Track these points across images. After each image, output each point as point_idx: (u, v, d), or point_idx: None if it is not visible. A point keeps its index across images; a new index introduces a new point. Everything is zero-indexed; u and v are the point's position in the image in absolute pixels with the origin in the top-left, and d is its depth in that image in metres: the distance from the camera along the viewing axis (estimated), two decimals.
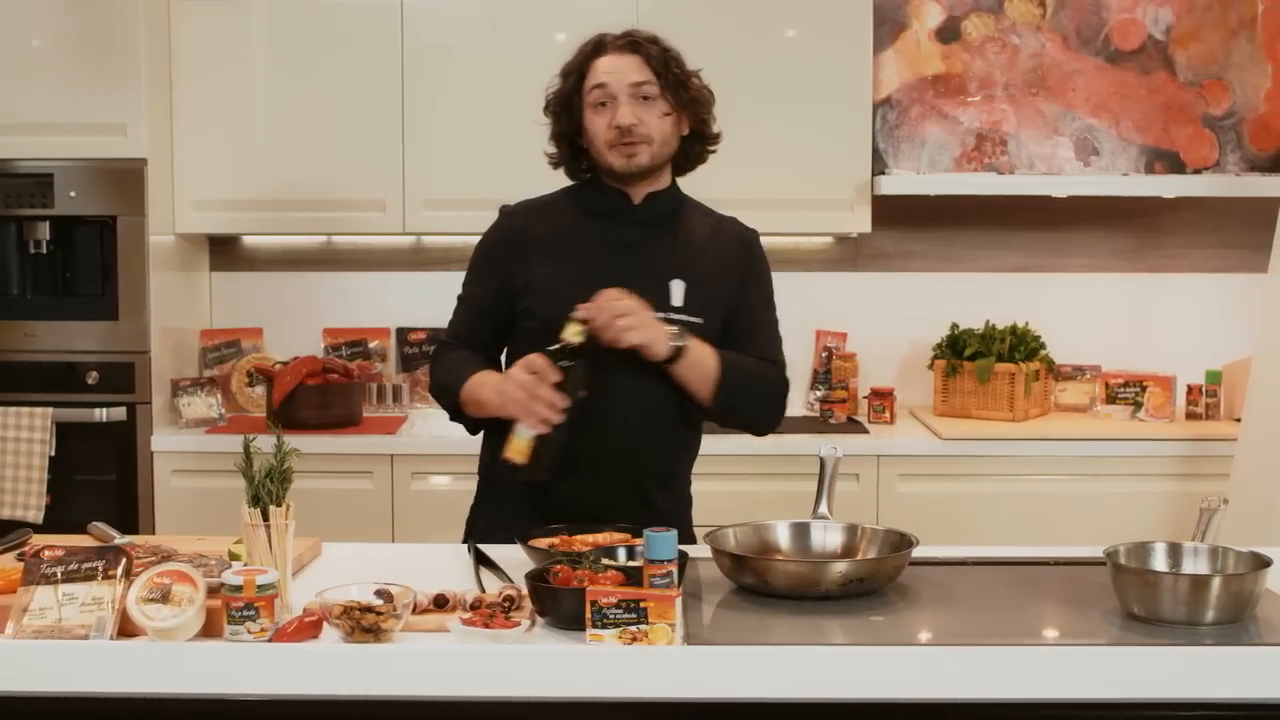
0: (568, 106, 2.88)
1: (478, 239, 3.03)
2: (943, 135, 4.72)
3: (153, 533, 4.35)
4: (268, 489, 2.21)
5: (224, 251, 4.94)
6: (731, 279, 2.91)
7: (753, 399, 2.88)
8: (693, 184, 4.46)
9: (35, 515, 4.32)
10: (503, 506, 2.87)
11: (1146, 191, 4.63)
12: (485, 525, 2.87)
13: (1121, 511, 4.23)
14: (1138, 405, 4.61)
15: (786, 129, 4.55)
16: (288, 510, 2.22)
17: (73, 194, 4.36)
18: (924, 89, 4.71)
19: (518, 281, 2.87)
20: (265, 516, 2.20)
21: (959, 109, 4.71)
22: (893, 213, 4.78)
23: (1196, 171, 4.70)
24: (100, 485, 4.40)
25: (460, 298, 3.00)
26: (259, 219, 4.62)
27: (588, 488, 2.80)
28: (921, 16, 4.71)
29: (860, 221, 4.59)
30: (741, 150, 4.54)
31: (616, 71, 2.83)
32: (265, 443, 2.33)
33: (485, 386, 2.75)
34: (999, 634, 2.21)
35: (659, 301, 2.78)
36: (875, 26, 4.59)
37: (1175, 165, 4.71)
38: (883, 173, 4.66)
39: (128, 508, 4.40)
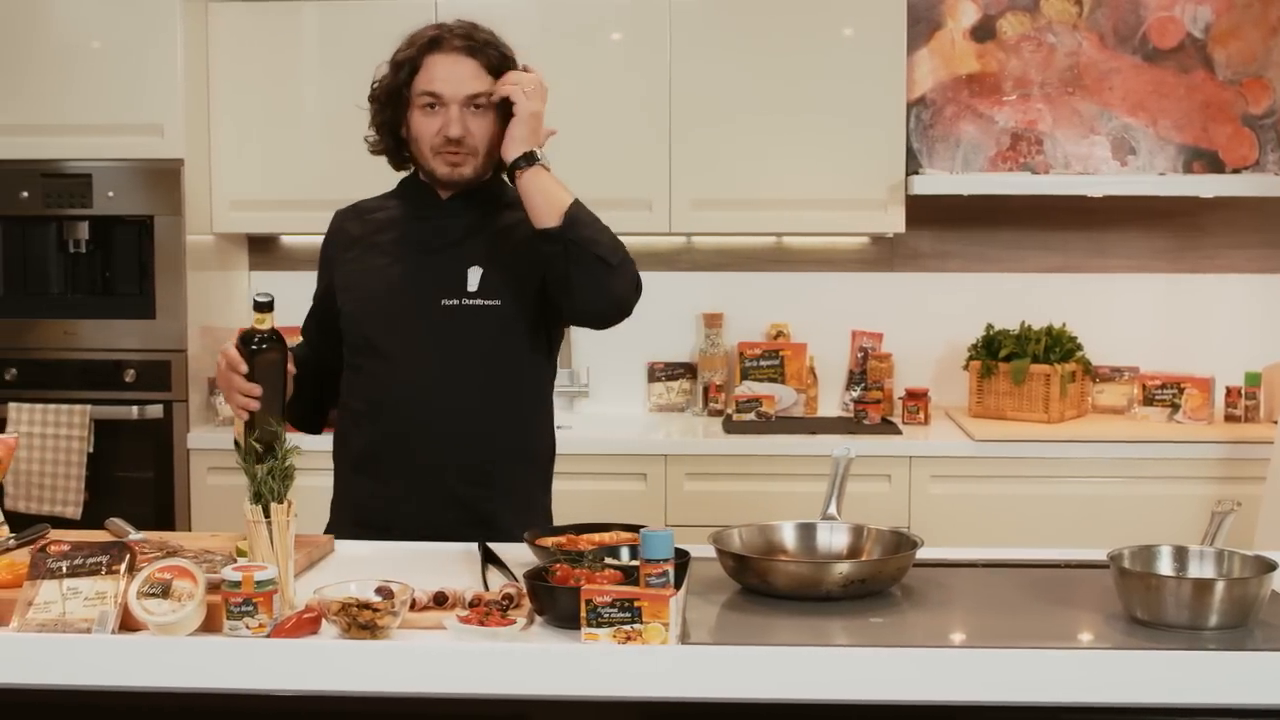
0: (395, 99, 2.83)
1: None
2: (977, 135, 4.69)
3: (189, 529, 4.41)
4: (269, 486, 2.23)
5: (263, 250, 4.99)
6: (539, 264, 2.76)
7: (610, 242, 2.76)
8: (726, 186, 4.51)
9: (74, 512, 4.38)
10: (338, 504, 2.91)
11: (1184, 191, 4.58)
12: (333, 522, 2.89)
13: (1157, 514, 4.18)
14: (1175, 407, 4.56)
15: (820, 129, 4.55)
16: (289, 507, 2.24)
17: (111, 194, 4.42)
18: (959, 88, 4.69)
19: (334, 282, 2.90)
20: (267, 513, 2.22)
21: (994, 108, 4.68)
22: (929, 213, 4.76)
23: (1236, 171, 4.65)
24: (137, 482, 4.46)
25: None
26: (297, 218, 4.66)
27: (384, 485, 2.79)
28: (956, 15, 4.69)
29: (894, 221, 4.57)
30: (775, 150, 4.58)
31: (453, 80, 2.77)
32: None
33: None
34: (999, 637, 2.19)
35: (455, 289, 2.79)
36: (910, 26, 4.57)
37: (1214, 165, 4.66)
38: (917, 172, 4.64)
39: (164, 505, 4.46)
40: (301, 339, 3.03)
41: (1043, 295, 4.81)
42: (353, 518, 2.83)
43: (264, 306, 2.56)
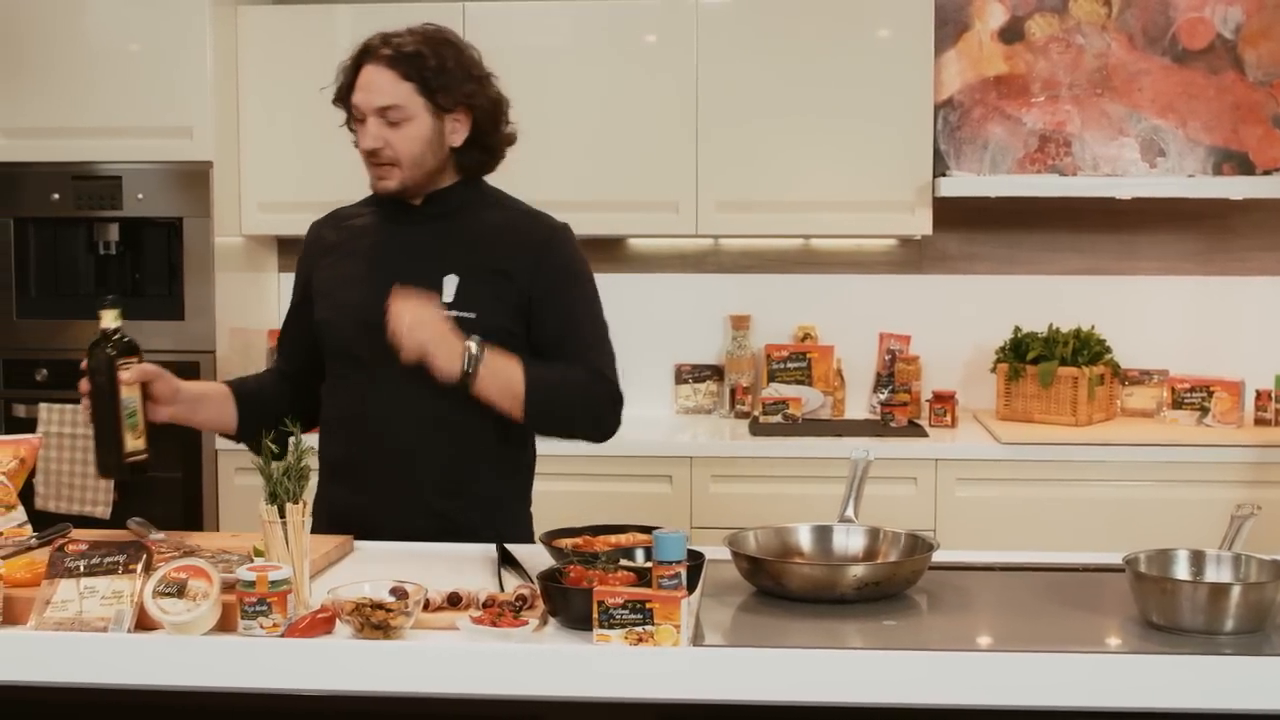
0: (346, 107, 2.84)
1: None
2: (1005, 136, 4.68)
3: (217, 529, 4.43)
4: (284, 486, 2.24)
5: (292, 252, 5.00)
6: (520, 275, 2.79)
7: (572, 412, 2.80)
8: (753, 188, 4.50)
9: (103, 511, 4.39)
10: (317, 508, 2.86)
11: (1213, 193, 4.55)
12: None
13: (1186, 518, 4.15)
14: (1204, 410, 4.53)
15: (847, 131, 4.54)
16: (304, 508, 2.25)
17: (140, 196, 4.45)
18: (986, 90, 4.67)
19: (312, 290, 2.89)
20: (282, 514, 2.24)
21: (1022, 110, 4.66)
22: (958, 215, 4.75)
23: (1266, 173, 4.62)
24: (166, 483, 4.47)
25: None
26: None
27: (357, 496, 2.79)
28: (984, 17, 4.67)
29: (921, 224, 4.56)
30: (802, 152, 4.58)
31: (367, 91, 2.76)
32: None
33: None
34: (1013, 640, 2.19)
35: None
36: (937, 27, 4.56)
37: (1244, 166, 4.63)
38: (944, 174, 4.62)
39: (193, 505, 4.49)
40: (276, 356, 3.06)
41: (1072, 298, 4.79)
42: (329, 524, 2.80)
43: (115, 306, 2.55)
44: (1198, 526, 4.11)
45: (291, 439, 2.35)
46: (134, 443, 2.55)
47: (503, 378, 2.68)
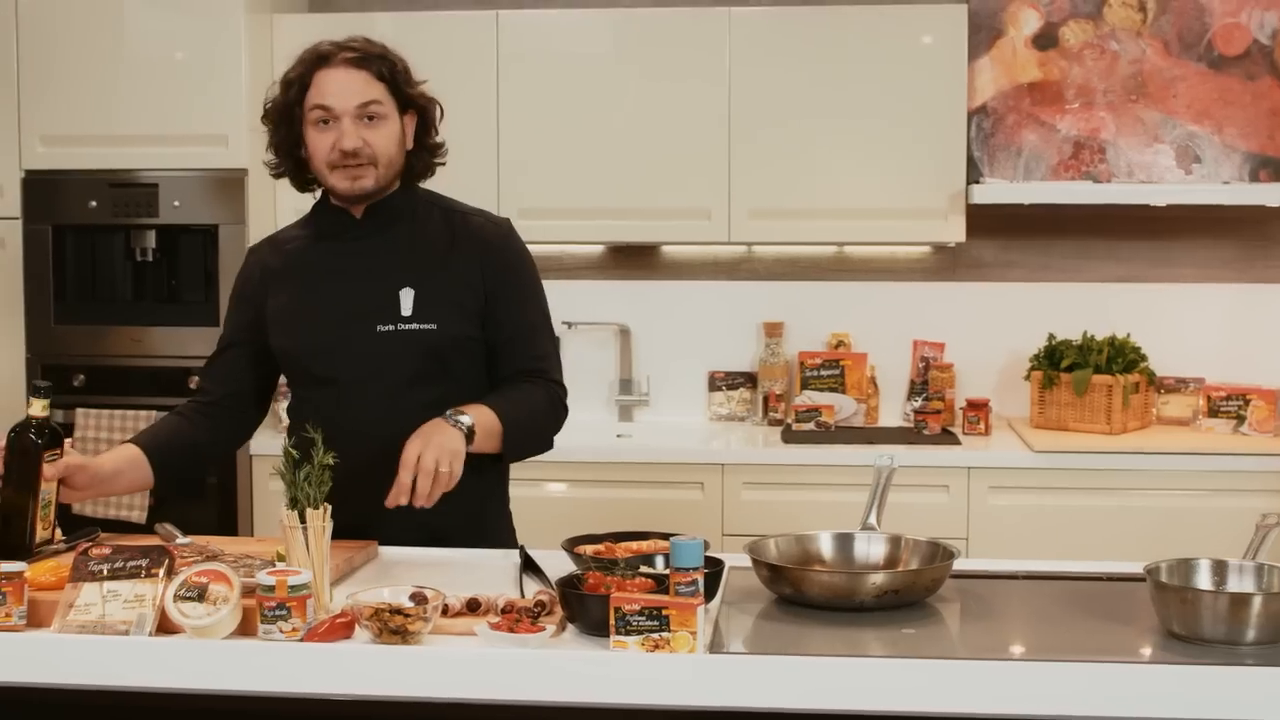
0: (288, 118, 2.80)
1: (564, 249, 3.04)
2: (1039, 143, 4.65)
3: (251, 533, 4.47)
4: (305, 492, 2.26)
5: None
6: (473, 278, 2.81)
7: (538, 436, 2.86)
8: (785, 195, 4.50)
9: (139, 516, 4.45)
10: None
11: (1249, 200, 4.51)
12: None
13: (1220, 528, 4.12)
14: (1240, 419, 4.49)
15: (880, 138, 4.54)
16: (325, 513, 2.27)
17: (176, 204, 4.50)
18: (1020, 96, 4.65)
19: (262, 320, 2.87)
20: (303, 519, 2.25)
21: (1056, 116, 4.64)
22: (992, 222, 4.73)
23: None
24: (203, 488, 4.52)
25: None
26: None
27: (340, 509, 2.75)
28: (1018, 23, 4.65)
29: (954, 231, 4.54)
30: (834, 159, 4.57)
31: (342, 92, 2.75)
32: None
33: None
34: (1031, 649, 2.18)
35: (389, 314, 2.76)
36: (970, 34, 4.55)
37: None
38: (977, 181, 4.61)
39: (228, 509, 4.53)
40: (198, 388, 3.04)
41: (1107, 305, 4.76)
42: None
43: (42, 392, 2.53)
44: (1232, 536, 4.05)
45: (313, 446, 2.36)
46: (43, 532, 2.54)
47: (486, 430, 2.70)
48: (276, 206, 4.66)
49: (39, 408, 2.51)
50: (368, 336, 2.78)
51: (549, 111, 4.62)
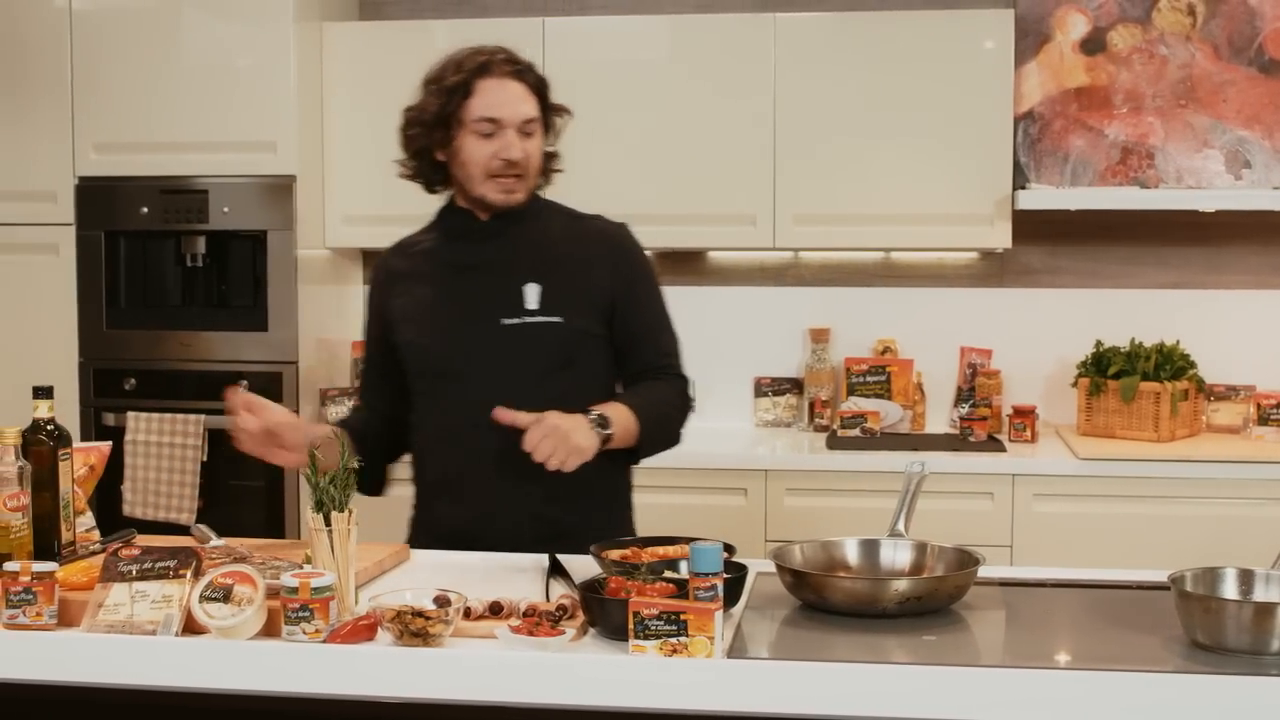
0: (445, 124, 2.84)
1: None
2: (1086, 149, 4.62)
3: (298, 536, 4.50)
4: (331, 495, 2.28)
5: None
6: (601, 274, 2.88)
7: (670, 429, 2.94)
8: (830, 201, 4.49)
9: (187, 518, 4.51)
10: (419, 526, 2.95)
11: None
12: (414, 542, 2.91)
13: (1268, 537, 4.06)
14: None
15: (925, 143, 4.52)
16: (350, 516, 2.29)
17: (226, 209, 4.55)
18: (1067, 102, 4.62)
19: (391, 320, 2.93)
20: (328, 522, 2.27)
21: (1104, 122, 4.61)
22: (1039, 228, 4.71)
23: None
24: (249, 490, 4.57)
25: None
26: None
27: (467, 508, 2.82)
28: (1065, 28, 4.62)
29: (1000, 237, 4.52)
30: (879, 165, 4.56)
31: (510, 103, 2.82)
32: None
33: None
34: (1052, 657, 2.17)
35: (514, 308, 2.81)
36: (1018, 39, 4.52)
37: None
38: (1024, 187, 4.58)
39: (275, 512, 4.57)
40: (358, 401, 3.12)
41: (1156, 312, 4.72)
42: (435, 539, 2.86)
43: (45, 393, 2.52)
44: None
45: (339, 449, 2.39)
46: (66, 534, 2.56)
47: (623, 428, 2.76)
48: (325, 212, 4.71)
49: (45, 409, 2.53)
50: (492, 330, 2.83)
51: (593, 118, 4.60)
